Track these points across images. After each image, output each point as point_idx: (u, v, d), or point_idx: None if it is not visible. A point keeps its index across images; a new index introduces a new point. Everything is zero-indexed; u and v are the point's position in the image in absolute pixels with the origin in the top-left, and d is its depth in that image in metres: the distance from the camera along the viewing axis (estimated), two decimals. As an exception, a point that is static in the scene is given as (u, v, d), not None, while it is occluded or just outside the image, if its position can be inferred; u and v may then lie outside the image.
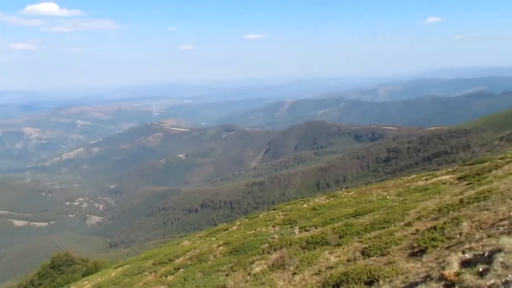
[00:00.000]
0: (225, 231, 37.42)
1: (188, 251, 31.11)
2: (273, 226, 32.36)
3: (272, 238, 27.08)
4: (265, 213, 43.10)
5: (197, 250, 30.56)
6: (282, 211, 40.50)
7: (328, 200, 43.15)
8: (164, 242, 73.02)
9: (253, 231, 31.81)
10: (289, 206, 43.79)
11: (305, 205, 42.10)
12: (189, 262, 26.33)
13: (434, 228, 18.69)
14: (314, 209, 36.84)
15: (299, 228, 28.57)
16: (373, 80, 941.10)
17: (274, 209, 44.14)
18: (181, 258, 28.87)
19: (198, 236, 41.71)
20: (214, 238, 35.04)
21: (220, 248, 28.31)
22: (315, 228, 27.86)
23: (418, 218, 22.90)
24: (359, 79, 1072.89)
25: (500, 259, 6.78)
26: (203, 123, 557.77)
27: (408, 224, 22.18)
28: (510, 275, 6.04)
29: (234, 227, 38.49)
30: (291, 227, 30.12)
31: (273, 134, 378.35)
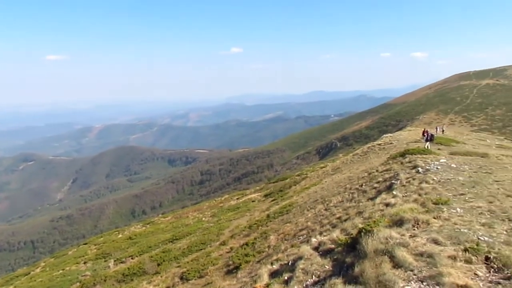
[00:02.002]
0: (26, 276, 32.92)
1: (-24, 308, 26.31)
2: (85, 263, 29.90)
3: (84, 275, 24.95)
4: (75, 249, 39.61)
5: (-12, 305, 26.08)
6: (95, 245, 37.84)
7: (144, 228, 42.23)
8: None
9: (61, 271, 28.79)
10: (102, 239, 41.19)
11: (120, 235, 40.25)
12: (-23, 321, 22.23)
13: (247, 244, 20.13)
14: (130, 238, 35.53)
15: (114, 260, 27.08)
16: (183, 105, 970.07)
17: (86, 244, 40.93)
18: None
19: (-10, 287, 35.57)
20: (11, 287, 30.41)
21: (20, 297, 24.73)
22: (132, 258, 26.86)
23: (232, 236, 24.31)
24: (169, 103, 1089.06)
25: (301, 266, 7.67)
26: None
27: (223, 243, 23.34)
28: (309, 280, 6.90)
29: (38, 270, 34.20)
30: (105, 261, 28.35)
31: (81, 162, 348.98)
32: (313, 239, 10.15)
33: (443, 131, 51.50)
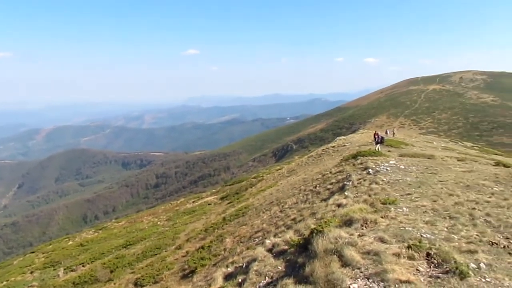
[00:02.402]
0: (-34, 289, 31.05)
1: None
2: (32, 272, 28.65)
3: (31, 286, 23.92)
4: (21, 258, 37.84)
5: None
6: (43, 253, 36.31)
7: (96, 234, 40.99)
8: None
9: (5, 283, 27.43)
10: (51, 246, 39.56)
11: (70, 242, 38.87)
12: None
13: (202, 247, 20.04)
14: (81, 245, 34.37)
15: (64, 269, 26.12)
16: (138, 106, 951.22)
17: (33, 252, 39.20)
18: None
19: None
20: (-50, 300, 28.57)
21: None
22: (83, 266, 26.01)
23: (188, 240, 24.10)
24: (123, 105, 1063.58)
25: (255, 268, 7.78)
26: None
27: (179, 247, 23.10)
28: (262, 281, 7.02)
29: (-21, 282, 32.37)
30: (55, 270, 27.29)
31: (28, 166, 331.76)
32: (267, 241, 10.30)
33: (393, 133, 53.45)
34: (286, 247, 8.44)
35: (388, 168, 17.82)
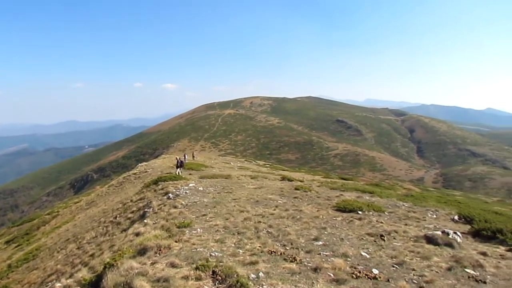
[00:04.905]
0: None
1: None
2: None
3: None
4: None
5: None
6: None
7: None
8: None
9: None
10: None
11: None
12: None
13: (-21, 306, 16.91)
14: None
15: None
16: None
17: None
18: None
19: None
20: None
21: None
22: None
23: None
24: None
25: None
26: None
27: None
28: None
29: None
30: None
31: None
32: (58, 284, 9.41)
33: (193, 157, 55.31)
34: (79, 287, 7.86)
35: (188, 191, 18.39)
